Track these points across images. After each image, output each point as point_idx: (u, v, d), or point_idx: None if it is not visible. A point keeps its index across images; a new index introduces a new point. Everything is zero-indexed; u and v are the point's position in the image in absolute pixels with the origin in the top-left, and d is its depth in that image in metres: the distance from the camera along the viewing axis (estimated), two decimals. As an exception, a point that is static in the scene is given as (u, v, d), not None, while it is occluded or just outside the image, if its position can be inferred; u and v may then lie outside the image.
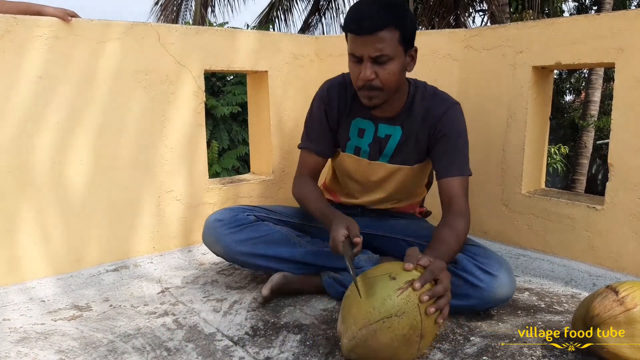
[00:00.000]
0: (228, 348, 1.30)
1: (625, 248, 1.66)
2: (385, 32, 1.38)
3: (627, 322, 1.14)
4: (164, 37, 1.89)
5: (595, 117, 8.72)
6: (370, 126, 1.62)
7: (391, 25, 1.38)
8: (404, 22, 1.41)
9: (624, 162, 1.65)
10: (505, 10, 8.23)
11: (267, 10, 11.51)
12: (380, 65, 1.42)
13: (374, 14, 1.38)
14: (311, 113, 1.69)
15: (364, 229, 1.73)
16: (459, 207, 1.49)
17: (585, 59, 1.72)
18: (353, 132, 1.64)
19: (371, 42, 1.38)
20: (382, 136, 1.62)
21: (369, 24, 1.37)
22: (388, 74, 1.43)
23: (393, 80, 1.45)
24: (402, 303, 1.13)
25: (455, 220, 1.46)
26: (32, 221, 1.69)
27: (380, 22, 1.37)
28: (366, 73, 1.41)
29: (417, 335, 1.13)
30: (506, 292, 1.42)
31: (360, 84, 1.45)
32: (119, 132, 1.83)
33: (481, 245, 1.53)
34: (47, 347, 1.31)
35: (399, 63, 1.44)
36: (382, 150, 1.63)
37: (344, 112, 1.64)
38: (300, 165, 1.73)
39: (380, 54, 1.39)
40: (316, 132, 1.68)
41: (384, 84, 1.44)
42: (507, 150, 1.94)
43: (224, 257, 1.64)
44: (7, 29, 1.57)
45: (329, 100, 1.64)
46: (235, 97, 8.73)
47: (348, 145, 1.66)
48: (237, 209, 1.68)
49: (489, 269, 1.40)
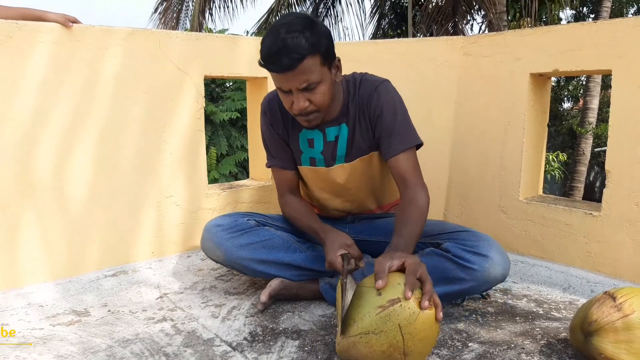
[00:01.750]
0: (226, 353, 1.30)
1: (623, 254, 1.66)
2: (305, 62, 1.35)
3: (625, 328, 1.14)
4: (165, 43, 1.90)
5: (593, 125, 8.75)
6: (318, 134, 1.61)
7: (308, 53, 1.35)
8: (319, 44, 1.37)
9: (621, 169, 1.65)
10: (503, 18, 8.26)
11: (266, 16, 11.54)
12: (310, 92, 1.41)
13: (290, 48, 1.33)
14: (262, 130, 1.69)
15: (357, 236, 1.73)
16: (411, 181, 1.48)
17: (582, 66, 1.73)
18: (303, 144, 1.64)
19: (295, 75, 1.37)
20: (332, 139, 1.61)
21: (287, 62, 1.34)
22: (320, 96, 1.43)
23: (326, 99, 1.46)
24: (380, 323, 1.11)
25: (413, 194, 1.44)
26: (32, 226, 1.69)
27: (297, 56, 1.34)
28: (299, 104, 1.42)
29: (399, 352, 1.11)
30: (500, 271, 1.41)
31: (296, 113, 1.46)
32: (118, 137, 1.84)
33: (469, 229, 1.53)
34: (46, 352, 1.31)
35: (327, 82, 1.44)
36: (335, 152, 1.62)
37: (288, 125, 1.63)
38: (277, 184, 1.73)
39: (307, 83, 1.39)
40: (274, 148, 1.68)
41: (320, 106, 1.45)
42: (505, 156, 1.95)
43: (223, 262, 1.64)
44: (8, 34, 1.58)
45: (272, 116, 1.64)
46: (234, 103, 8.75)
47: (302, 158, 1.66)
48: (237, 214, 1.68)
49: (479, 251, 1.41)
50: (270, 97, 1.66)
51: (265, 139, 1.70)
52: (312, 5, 11.90)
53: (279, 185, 1.72)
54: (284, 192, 1.71)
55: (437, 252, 1.46)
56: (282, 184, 1.71)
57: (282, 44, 1.34)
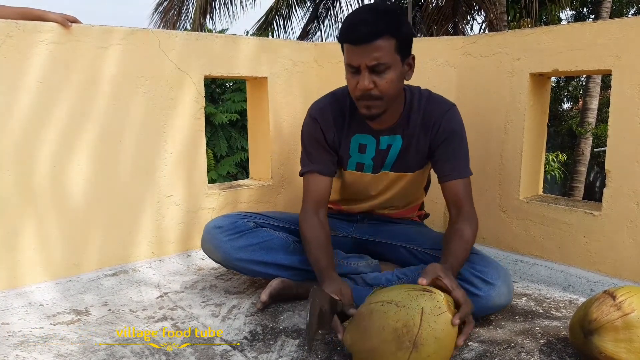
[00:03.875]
0: (227, 352, 1.30)
1: (623, 254, 1.66)
2: (381, 41, 1.37)
3: (625, 327, 1.14)
4: (165, 42, 1.90)
5: (593, 125, 8.76)
6: (372, 140, 1.60)
7: (387, 33, 1.37)
8: (399, 30, 1.40)
9: (621, 169, 1.66)
10: (503, 18, 8.27)
11: (266, 17, 11.55)
12: (378, 75, 1.40)
13: (369, 22, 1.37)
14: (308, 136, 1.63)
15: (364, 236, 1.74)
16: (467, 210, 1.51)
17: (582, 66, 1.73)
18: (353, 149, 1.62)
19: (368, 51, 1.37)
20: (384, 148, 1.61)
21: (364, 33, 1.37)
22: (386, 83, 1.41)
23: (391, 88, 1.44)
24: (407, 297, 1.12)
25: (464, 226, 1.47)
26: (32, 225, 1.69)
27: (375, 31, 1.36)
28: (364, 83, 1.40)
29: (409, 339, 1.07)
30: (504, 301, 1.43)
31: (358, 94, 1.44)
32: (118, 137, 1.84)
33: (479, 252, 1.53)
34: (46, 351, 1.31)
35: (396, 71, 1.43)
36: (385, 160, 1.62)
37: (342, 129, 1.61)
38: (305, 195, 1.61)
39: (377, 62, 1.38)
40: (317, 152, 1.61)
41: (383, 93, 1.42)
42: (505, 156, 1.95)
43: (222, 263, 1.64)
44: (8, 34, 1.58)
45: (323, 121, 1.60)
46: (234, 105, 8.74)
47: (349, 162, 1.64)
48: (236, 215, 1.68)
49: (487, 278, 1.41)
50: (321, 105, 1.63)
51: (306, 144, 1.63)
52: (312, 6, 11.91)
53: (308, 195, 1.61)
54: (310, 207, 1.59)
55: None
56: (312, 195, 1.60)
57: (364, 16, 1.39)
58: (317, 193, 1.60)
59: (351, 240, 1.76)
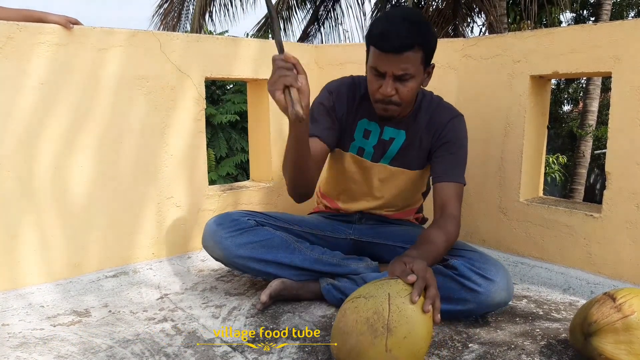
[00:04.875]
0: (227, 354, 1.30)
1: (623, 255, 1.66)
2: (411, 52, 1.40)
3: (625, 329, 1.14)
4: (166, 44, 1.91)
5: (593, 127, 8.76)
6: (376, 128, 1.64)
7: (418, 46, 1.41)
8: (429, 43, 1.44)
9: (621, 171, 1.66)
10: (503, 21, 8.28)
11: (266, 19, 11.56)
12: (401, 82, 1.45)
13: (402, 34, 1.38)
14: (320, 103, 1.63)
15: (363, 237, 1.75)
16: (450, 211, 1.50)
17: (582, 69, 1.74)
18: (359, 132, 1.66)
19: (397, 60, 1.40)
20: (386, 139, 1.64)
21: (397, 43, 1.38)
22: (407, 91, 1.46)
23: (411, 96, 1.49)
24: (373, 288, 1.15)
25: (446, 222, 1.47)
26: (32, 226, 1.69)
27: (408, 43, 1.39)
28: (387, 89, 1.44)
29: (382, 325, 1.08)
30: (504, 297, 1.42)
31: (379, 97, 1.48)
32: (119, 139, 1.84)
33: (478, 250, 1.54)
34: (46, 352, 1.31)
35: (418, 80, 1.48)
36: (385, 152, 1.65)
37: (352, 111, 1.64)
38: None
39: (404, 72, 1.42)
40: (324, 120, 1.61)
41: (403, 100, 1.48)
42: (505, 158, 1.96)
43: (223, 261, 1.64)
44: (9, 35, 1.59)
45: (339, 96, 1.64)
46: (234, 106, 8.75)
47: (352, 145, 1.67)
48: (237, 213, 1.68)
49: (486, 274, 1.41)
50: (341, 82, 1.66)
51: (314, 112, 1.61)
52: (312, 8, 11.92)
53: None
54: None
55: (442, 271, 1.46)
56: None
57: (399, 26, 1.39)
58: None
59: (350, 242, 1.77)
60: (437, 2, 9.94)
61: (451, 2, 9.17)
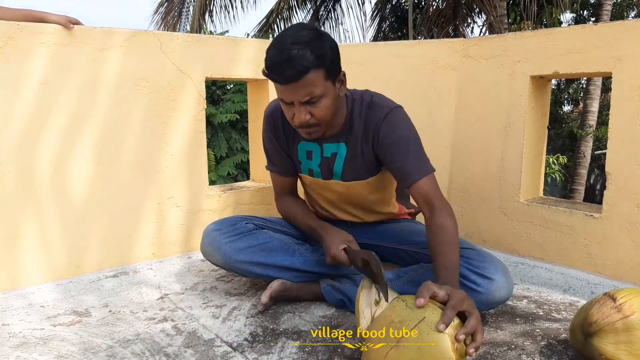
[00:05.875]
0: (227, 354, 1.30)
1: (623, 256, 1.66)
2: (310, 75, 1.33)
3: (625, 329, 1.14)
4: (166, 45, 1.91)
5: (594, 127, 8.76)
6: (316, 147, 1.60)
7: (313, 67, 1.33)
8: (324, 58, 1.35)
9: (621, 171, 1.66)
10: (503, 21, 8.28)
11: (267, 19, 11.57)
12: (312, 105, 1.39)
13: (294, 61, 1.31)
14: (264, 137, 1.69)
15: (360, 239, 1.72)
16: (437, 204, 1.42)
17: (582, 69, 1.74)
18: (301, 155, 1.64)
19: (297, 88, 1.35)
20: (328, 155, 1.59)
21: (290, 73, 1.32)
22: (322, 111, 1.41)
23: (328, 113, 1.43)
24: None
25: (443, 219, 1.38)
26: (33, 227, 1.69)
27: (301, 69, 1.32)
28: (300, 117, 1.40)
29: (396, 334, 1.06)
30: (504, 294, 1.41)
31: (297, 124, 1.44)
32: (120, 139, 1.84)
33: (474, 247, 1.50)
34: (47, 352, 1.31)
35: (330, 97, 1.41)
36: (332, 168, 1.61)
37: (290, 136, 1.63)
38: (275, 186, 1.76)
39: (309, 97, 1.37)
40: (274, 155, 1.70)
41: (321, 120, 1.43)
42: (506, 158, 1.96)
43: (223, 266, 1.63)
44: (10, 35, 1.59)
45: (274, 127, 1.64)
46: (234, 105, 8.75)
47: (302, 167, 1.67)
48: (236, 218, 1.68)
49: (485, 273, 1.40)
50: (272, 107, 1.65)
51: (265, 145, 1.71)
52: (312, 8, 11.93)
53: (277, 187, 1.76)
54: (281, 194, 1.76)
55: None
56: (280, 186, 1.75)
57: (287, 55, 1.32)
58: (282, 186, 1.75)
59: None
60: (437, 2, 9.95)
61: (451, 2, 9.17)
